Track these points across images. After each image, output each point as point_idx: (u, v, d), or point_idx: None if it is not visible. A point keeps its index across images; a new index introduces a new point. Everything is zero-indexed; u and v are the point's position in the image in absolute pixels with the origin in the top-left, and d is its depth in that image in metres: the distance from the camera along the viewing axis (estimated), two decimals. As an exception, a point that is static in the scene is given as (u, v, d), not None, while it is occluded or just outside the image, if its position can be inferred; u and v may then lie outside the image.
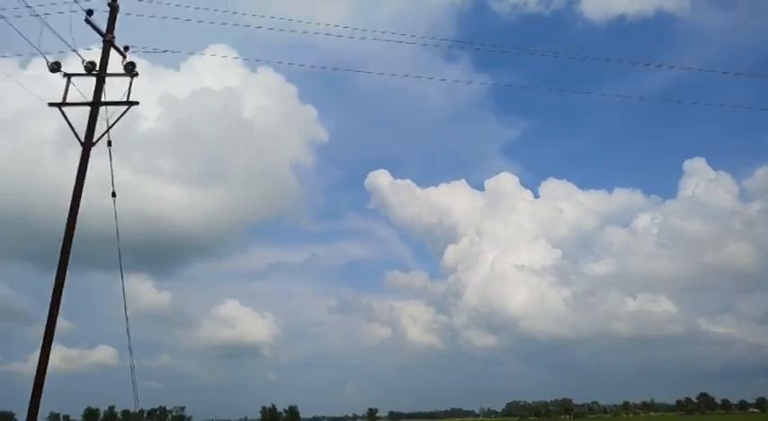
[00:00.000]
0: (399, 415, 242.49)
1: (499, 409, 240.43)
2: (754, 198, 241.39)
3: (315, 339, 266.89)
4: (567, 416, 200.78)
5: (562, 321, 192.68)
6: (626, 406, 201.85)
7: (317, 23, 21.64)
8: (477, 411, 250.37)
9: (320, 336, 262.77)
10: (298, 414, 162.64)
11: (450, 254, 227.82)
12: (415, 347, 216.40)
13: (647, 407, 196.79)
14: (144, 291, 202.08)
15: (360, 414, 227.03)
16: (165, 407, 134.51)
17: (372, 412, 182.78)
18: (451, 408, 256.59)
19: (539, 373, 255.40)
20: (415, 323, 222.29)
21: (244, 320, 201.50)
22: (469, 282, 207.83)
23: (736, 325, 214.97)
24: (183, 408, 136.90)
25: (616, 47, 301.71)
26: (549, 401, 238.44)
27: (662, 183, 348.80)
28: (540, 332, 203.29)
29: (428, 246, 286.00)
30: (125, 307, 14.03)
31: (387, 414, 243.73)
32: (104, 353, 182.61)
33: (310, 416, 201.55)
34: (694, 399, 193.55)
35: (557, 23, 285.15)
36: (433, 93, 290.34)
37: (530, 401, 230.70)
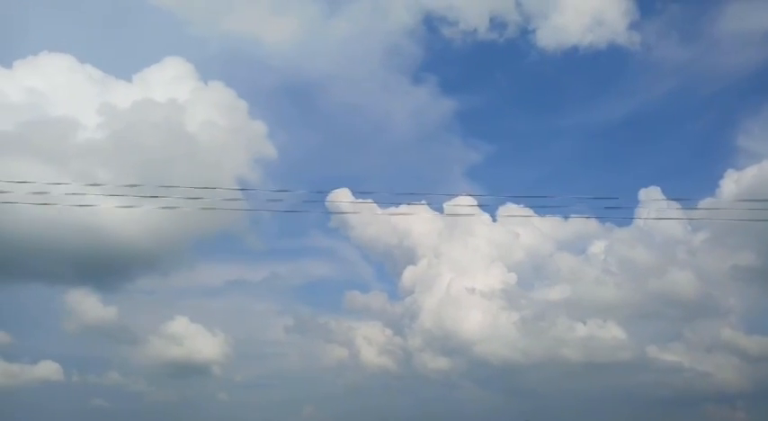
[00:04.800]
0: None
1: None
2: (699, 228, 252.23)
3: (270, 359, 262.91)
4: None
5: (514, 345, 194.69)
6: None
7: (271, 40, 21.83)
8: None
9: (276, 356, 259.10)
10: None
11: (409, 275, 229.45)
12: (371, 369, 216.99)
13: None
14: (89, 305, 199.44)
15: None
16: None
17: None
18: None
19: (493, 397, 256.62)
20: (371, 344, 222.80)
21: (193, 338, 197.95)
22: (425, 304, 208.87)
23: (685, 352, 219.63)
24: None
25: (572, 76, 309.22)
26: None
27: (618, 211, 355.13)
28: (494, 356, 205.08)
29: (388, 267, 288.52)
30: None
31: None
32: (48, 369, 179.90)
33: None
34: None
35: (511, 52, 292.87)
36: (399, 113, 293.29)
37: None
